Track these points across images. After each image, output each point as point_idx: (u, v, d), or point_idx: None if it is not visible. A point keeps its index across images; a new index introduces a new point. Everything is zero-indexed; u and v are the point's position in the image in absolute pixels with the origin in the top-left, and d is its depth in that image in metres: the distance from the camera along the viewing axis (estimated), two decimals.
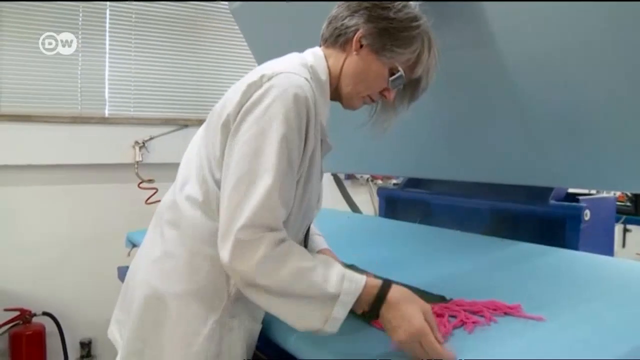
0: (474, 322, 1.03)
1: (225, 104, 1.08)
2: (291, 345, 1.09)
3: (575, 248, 1.73)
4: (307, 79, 1.05)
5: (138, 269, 1.19)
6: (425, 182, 2.57)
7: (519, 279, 1.39)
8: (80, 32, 3.22)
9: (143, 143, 3.41)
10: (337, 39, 1.17)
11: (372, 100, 1.23)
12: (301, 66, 1.10)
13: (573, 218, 1.76)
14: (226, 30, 3.64)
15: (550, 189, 1.86)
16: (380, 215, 2.81)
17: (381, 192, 2.88)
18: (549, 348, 0.95)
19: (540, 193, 1.86)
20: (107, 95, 3.36)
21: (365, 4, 1.14)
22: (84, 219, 3.31)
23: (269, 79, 1.02)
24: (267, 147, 0.97)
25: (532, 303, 1.14)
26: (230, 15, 2.69)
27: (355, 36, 1.14)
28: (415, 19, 1.14)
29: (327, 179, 3.56)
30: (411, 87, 1.23)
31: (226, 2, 2.80)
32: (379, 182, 4.33)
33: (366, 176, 4.34)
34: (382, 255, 1.74)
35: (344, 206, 3.33)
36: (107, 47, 3.33)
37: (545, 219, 1.87)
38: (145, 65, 3.46)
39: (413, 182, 2.65)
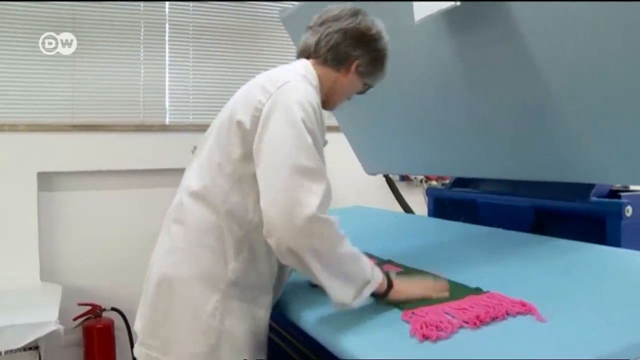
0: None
1: (234, 110, 1.25)
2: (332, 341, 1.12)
3: (618, 245, 1.70)
4: (310, 84, 1.24)
5: (153, 263, 1.37)
6: (472, 181, 2.58)
7: (547, 274, 1.40)
8: (142, 46, 3.42)
9: None
10: (334, 62, 1.35)
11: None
12: (301, 76, 1.26)
13: (613, 215, 1.73)
14: (278, 38, 3.73)
15: (591, 186, 1.84)
16: (429, 214, 2.83)
17: (430, 192, 2.90)
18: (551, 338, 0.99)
19: (582, 190, 1.84)
20: (167, 104, 3.53)
21: (364, 38, 1.34)
22: (146, 221, 3.44)
23: (281, 86, 1.19)
24: (302, 140, 1.12)
25: (553, 295, 1.19)
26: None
27: (354, 64, 1.35)
28: (387, 44, 1.39)
29: (380, 179, 3.60)
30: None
31: (277, 11, 2.91)
32: (433, 182, 4.31)
33: (420, 177, 4.34)
34: (424, 252, 1.79)
35: (397, 207, 3.36)
36: (167, 59, 3.50)
37: (587, 216, 1.85)
38: (202, 75, 3.62)
39: (460, 182, 2.66)
